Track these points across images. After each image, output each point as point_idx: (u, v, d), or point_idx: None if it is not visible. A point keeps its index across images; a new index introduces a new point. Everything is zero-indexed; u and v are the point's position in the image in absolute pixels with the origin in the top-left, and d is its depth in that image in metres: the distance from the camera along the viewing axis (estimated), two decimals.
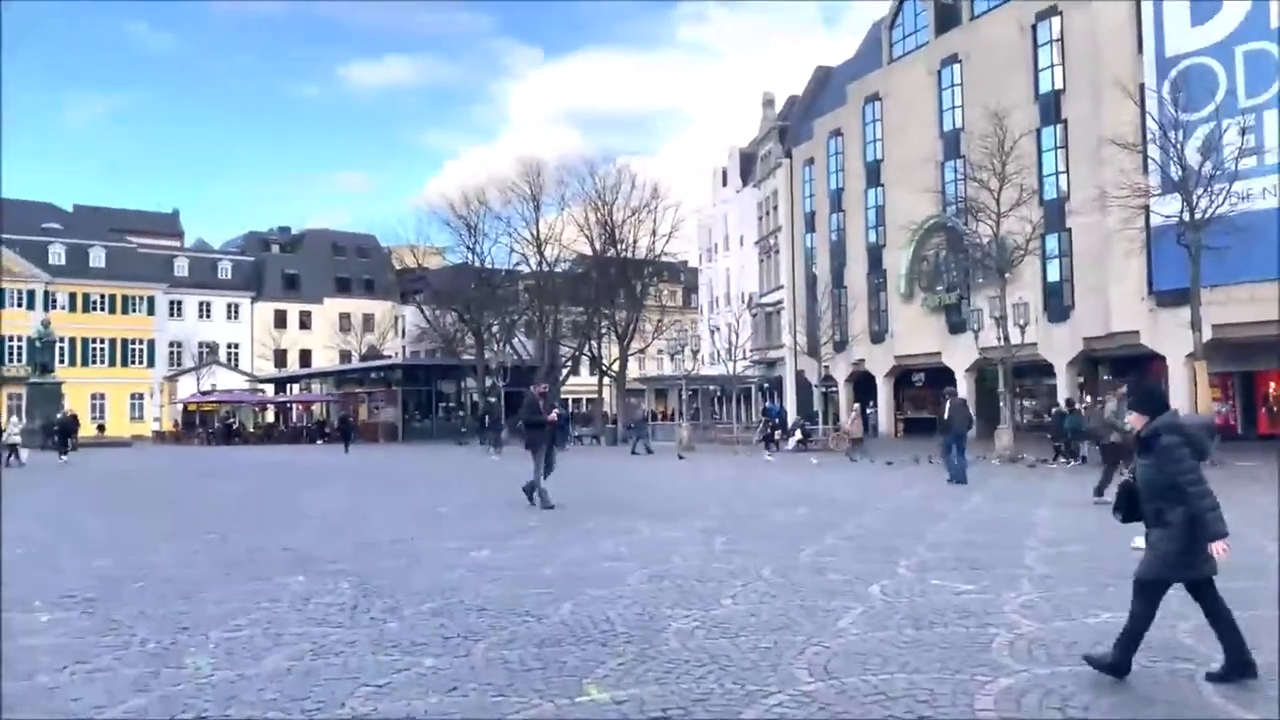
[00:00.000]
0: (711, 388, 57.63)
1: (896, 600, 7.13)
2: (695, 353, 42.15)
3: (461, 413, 57.84)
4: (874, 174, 45.60)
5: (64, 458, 33.89)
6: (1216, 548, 4.59)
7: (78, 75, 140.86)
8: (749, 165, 65.16)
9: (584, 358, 54.76)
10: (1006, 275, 30.38)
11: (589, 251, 52.32)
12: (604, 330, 53.14)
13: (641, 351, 55.95)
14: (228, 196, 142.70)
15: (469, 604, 7.12)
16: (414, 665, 5.40)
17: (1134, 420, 5.01)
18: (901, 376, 45.47)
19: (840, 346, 45.68)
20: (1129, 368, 33.34)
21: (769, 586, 7.71)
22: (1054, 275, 36.23)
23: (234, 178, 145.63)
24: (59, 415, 48.04)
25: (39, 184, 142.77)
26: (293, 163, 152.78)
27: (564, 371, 54.89)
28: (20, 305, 68.69)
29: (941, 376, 40.26)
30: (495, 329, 54.87)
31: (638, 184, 51.12)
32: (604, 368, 52.79)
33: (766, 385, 56.73)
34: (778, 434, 33.26)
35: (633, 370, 58.33)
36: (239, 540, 10.82)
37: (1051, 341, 35.06)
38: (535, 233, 52.41)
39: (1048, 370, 36.32)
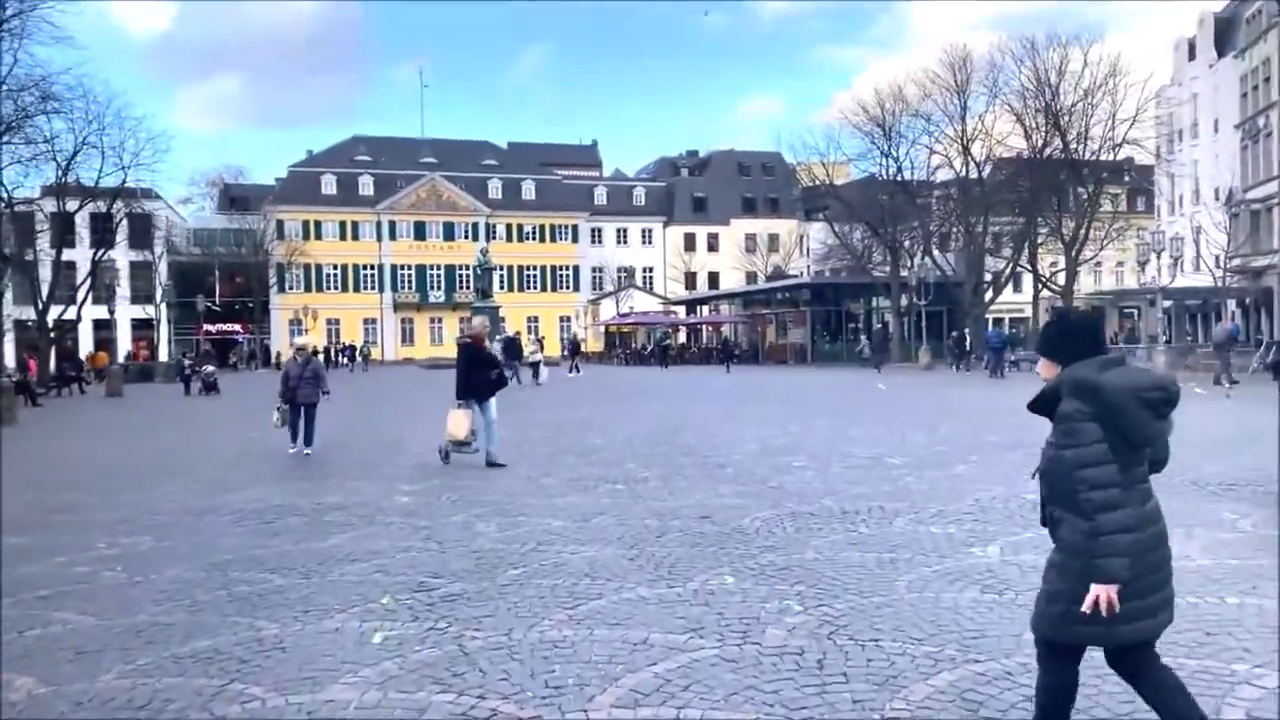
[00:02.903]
0: (1191, 302, 48.01)
1: None
2: (1176, 259, 34.44)
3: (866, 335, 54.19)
4: None
5: (574, 373, 38.35)
6: (1098, 596, 2.75)
7: (531, 30, 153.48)
8: (1226, 32, 53.11)
9: (1023, 270, 47.93)
10: None
11: (1025, 147, 45.22)
12: (1042, 239, 46.22)
13: (1090, 262, 48.10)
14: (641, 125, 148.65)
15: None
16: None
17: (1044, 370, 3.12)
18: None
19: None
20: None
21: None
22: None
23: (647, 107, 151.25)
24: (500, 337, 52.09)
25: (481, 127, 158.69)
26: (702, 90, 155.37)
27: (992, 288, 48.80)
28: (468, 237, 75.50)
29: None
30: (910, 243, 50.07)
31: (1090, 59, 42.90)
32: (1044, 281, 45.92)
33: (1250, 300, 46.30)
34: None
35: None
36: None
37: None
38: (960, 129, 46.37)
39: None
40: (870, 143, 49.22)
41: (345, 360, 55.65)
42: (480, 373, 11.32)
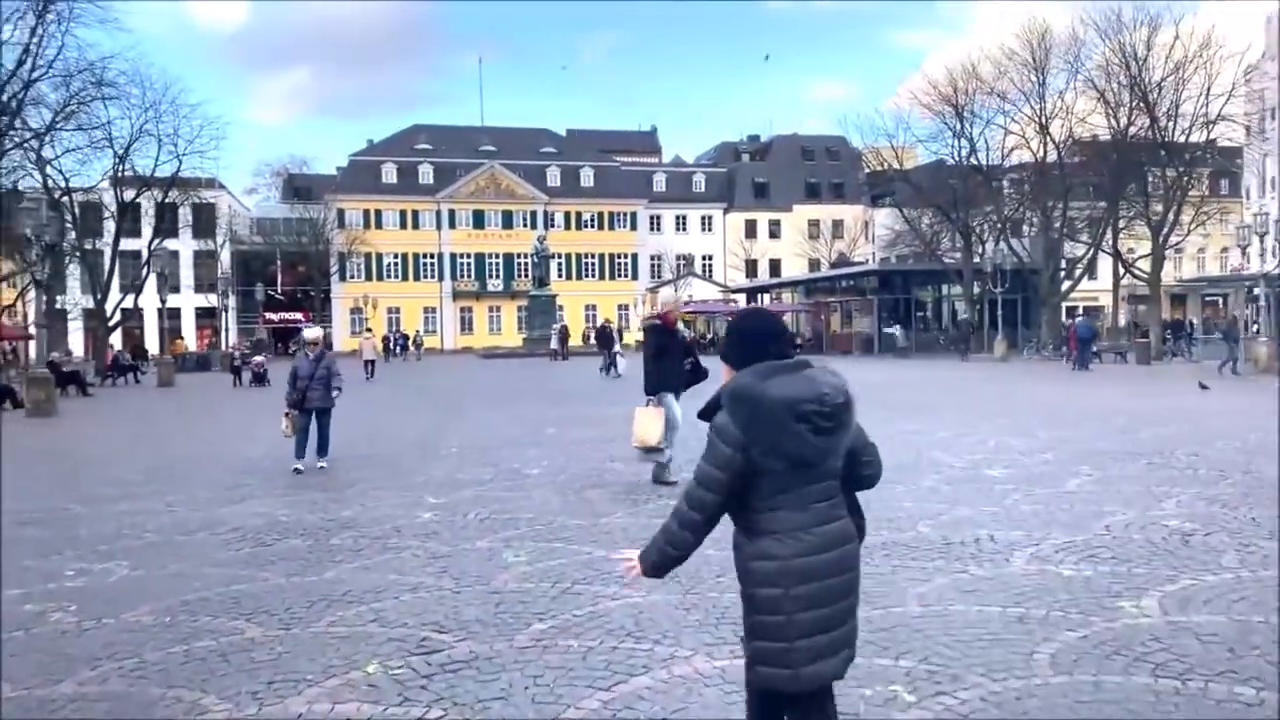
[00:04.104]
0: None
1: None
2: None
3: (941, 324, 52.22)
4: None
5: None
6: (625, 563, 2.87)
7: (593, 18, 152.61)
8: None
9: (1105, 254, 45.30)
10: None
11: (1108, 126, 42.64)
12: (1123, 224, 43.67)
13: (1174, 248, 45.38)
14: (701, 111, 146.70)
15: None
16: None
17: (724, 376, 2.82)
18: None
19: None
20: None
21: None
22: None
23: (708, 93, 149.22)
24: (555, 326, 51.13)
25: (541, 114, 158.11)
26: (765, 76, 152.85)
27: (1069, 276, 46.39)
28: (526, 225, 74.67)
29: None
30: (984, 228, 47.80)
31: (1181, 31, 40.17)
32: (1128, 266, 43.35)
33: None
34: None
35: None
36: None
37: None
38: (1039, 108, 43.94)
39: None
40: (942, 123, 47.05)
41: (399, 350, 55.14)
42: (671, 360, 9.28)
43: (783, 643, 2.59)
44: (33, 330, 34.75)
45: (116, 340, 49.62)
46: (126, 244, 43.22)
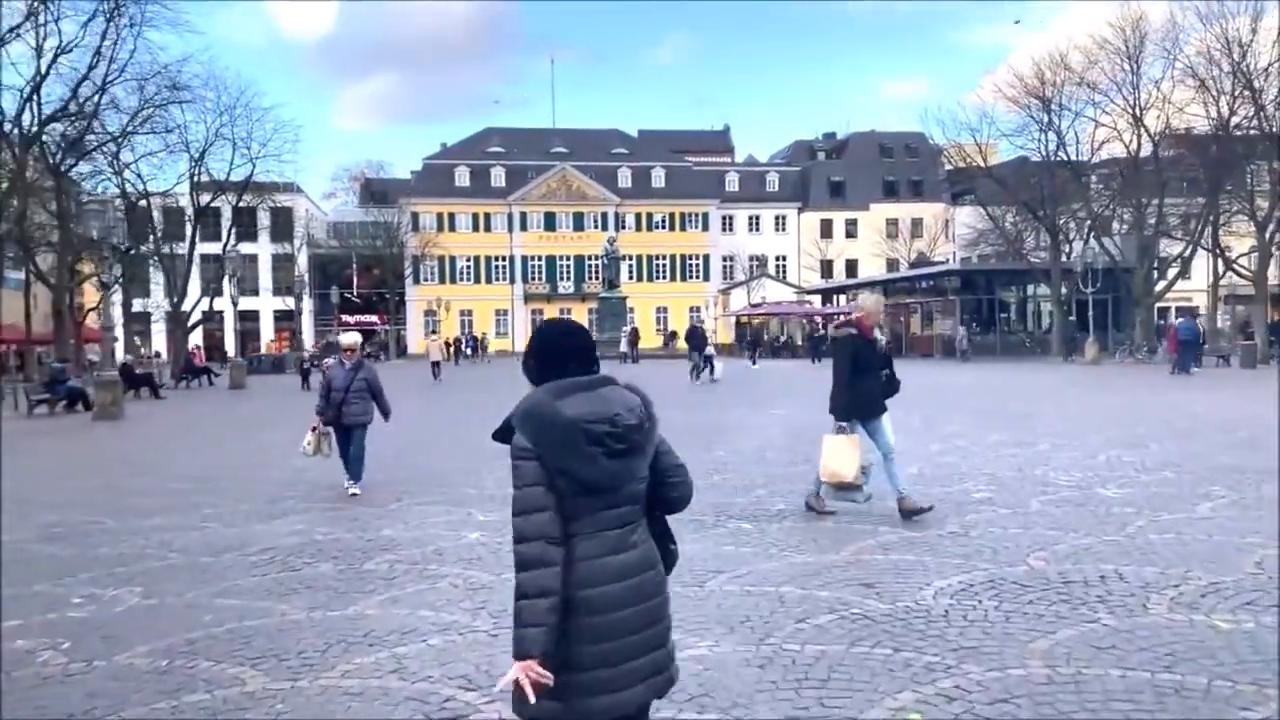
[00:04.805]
0: None
1: None
2: None
3: (1025, 325, 50.17)
4: None
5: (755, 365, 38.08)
6: (515, 674, 2.37)
7: (668, 18, 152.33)
8: None
9: (1204, 250, 42.88)
10: None
11: (1207, 116, 40.33)
12: (1223, 220, 41.28)
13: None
14: (774, 111, 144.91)
15: None
16: None
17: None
18: None
19: None
20: None
21: None
22: None
23: (782, 91, 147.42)
24: (625, 328, 50.56)
25: (614, 115, 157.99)
26: (840, 74, 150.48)
27: (1162, 275, 44.07)
28: (597, 226, 74.22)
29: None
30: (1072, 226, 45.75)
31: None
32: (1230, 264, 40.92)
33: None
34: None
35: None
36: None
37: None
38: (1133, 98, 41.78)
39: None
40: (1028, 116, 45.11)
41: (471, 352, 55.11)
42: (870, 378, 7.55)
43: (563, 676, 2.40)
44: (110, 332, 35.22)
45: (198, 342, 50.64)
46: (206, 247, 43.89)
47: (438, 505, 8.73)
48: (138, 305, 53.34)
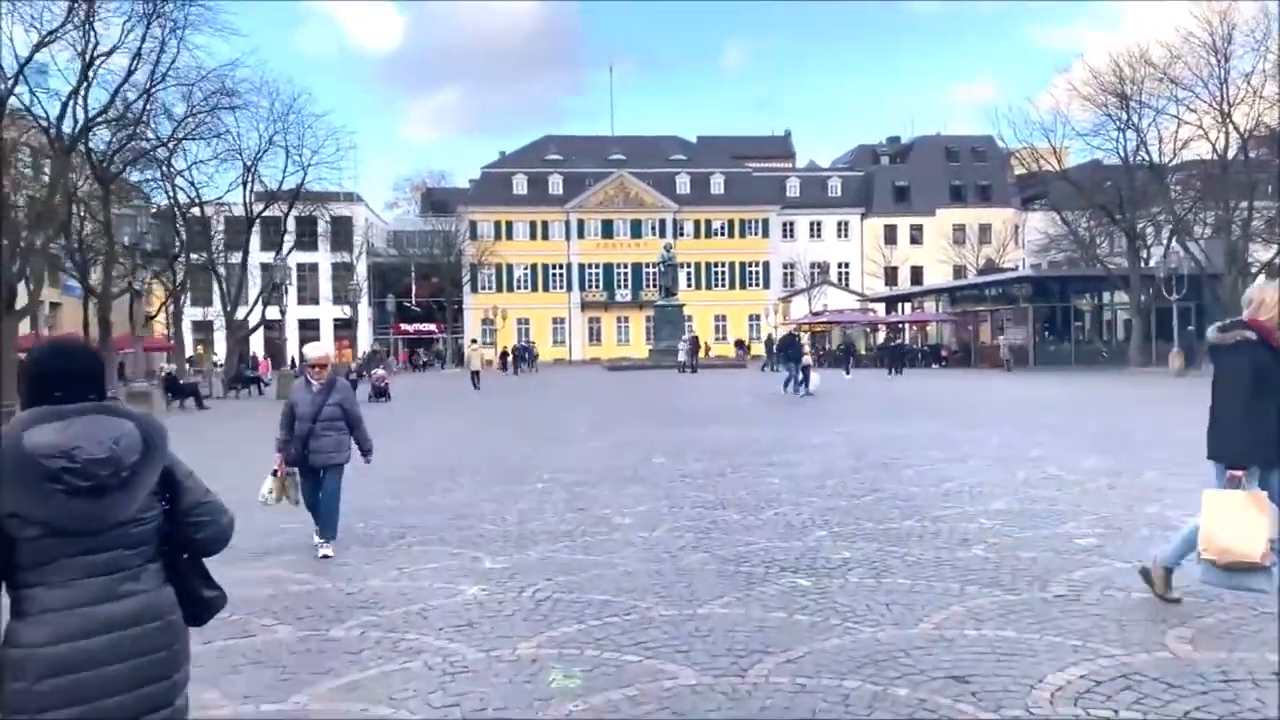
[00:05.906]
0: None
1: None
2: None
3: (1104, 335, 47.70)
4: None
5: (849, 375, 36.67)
6: None
7: (731, 23, 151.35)
8: None
9: None
10: None
11: None
12: None
13: None
14: (836, 115, 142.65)
15: None
16: None
17: None
18: None
19: None
20: None
21: None
22: None
23: (845, 95, 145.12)
24: (684, 337, 49.32)
25: (673, 122, 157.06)
26: (904, 78, 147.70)
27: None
28: (655, 234, 73.12)
29: None
30: (1149, 230, 43.31)
31: None
32: None
33: None
34: None
35: None
36: None
37: None
38: (1220, 94, 39.34)
39: None
40: (1105, 115, 42.81)
41: (527, 364, 53.74)
42: (1273, 402, 4.98)
43: None
44: (171, 341, 34.90)
45: (259, 349, 50.62)
46: (266, 256, 43.72)
47: (442, 546, 7.55)
48: (198, 314, 53.65)
